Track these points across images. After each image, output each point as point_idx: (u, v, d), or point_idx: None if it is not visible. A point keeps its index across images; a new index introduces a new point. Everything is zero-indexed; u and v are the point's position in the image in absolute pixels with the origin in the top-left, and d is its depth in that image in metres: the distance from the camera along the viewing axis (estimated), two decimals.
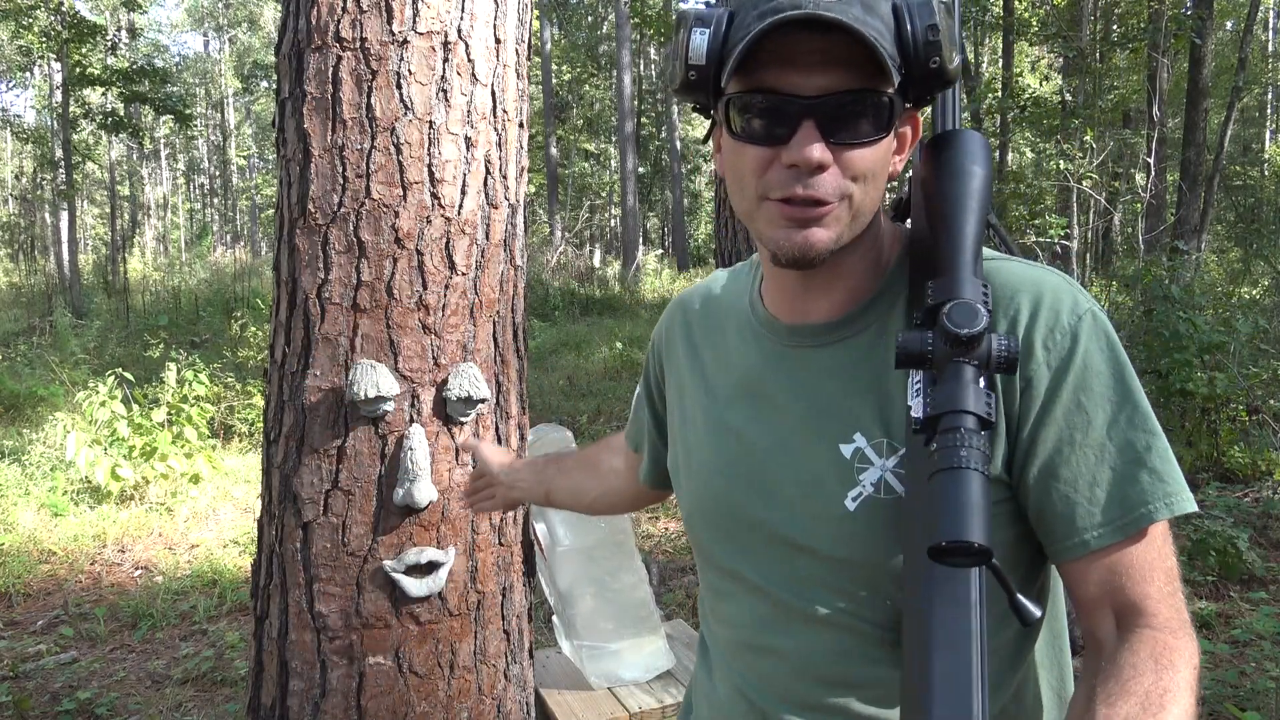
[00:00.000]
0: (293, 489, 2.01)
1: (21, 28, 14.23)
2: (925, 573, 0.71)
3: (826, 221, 0.80)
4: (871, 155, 0.79)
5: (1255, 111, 20.87)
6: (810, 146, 0.76)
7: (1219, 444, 5.53)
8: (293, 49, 2.01)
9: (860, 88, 0.77)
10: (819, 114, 0.77)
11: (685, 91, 0.83)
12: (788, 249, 0.81)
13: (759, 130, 0.79)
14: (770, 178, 0.80)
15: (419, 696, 2.01)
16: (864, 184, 0.80)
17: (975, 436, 0.69)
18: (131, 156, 32.07)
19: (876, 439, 0.84)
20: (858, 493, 0.83)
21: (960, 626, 0.70)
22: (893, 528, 0.82)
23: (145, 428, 5.76)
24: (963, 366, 0.72)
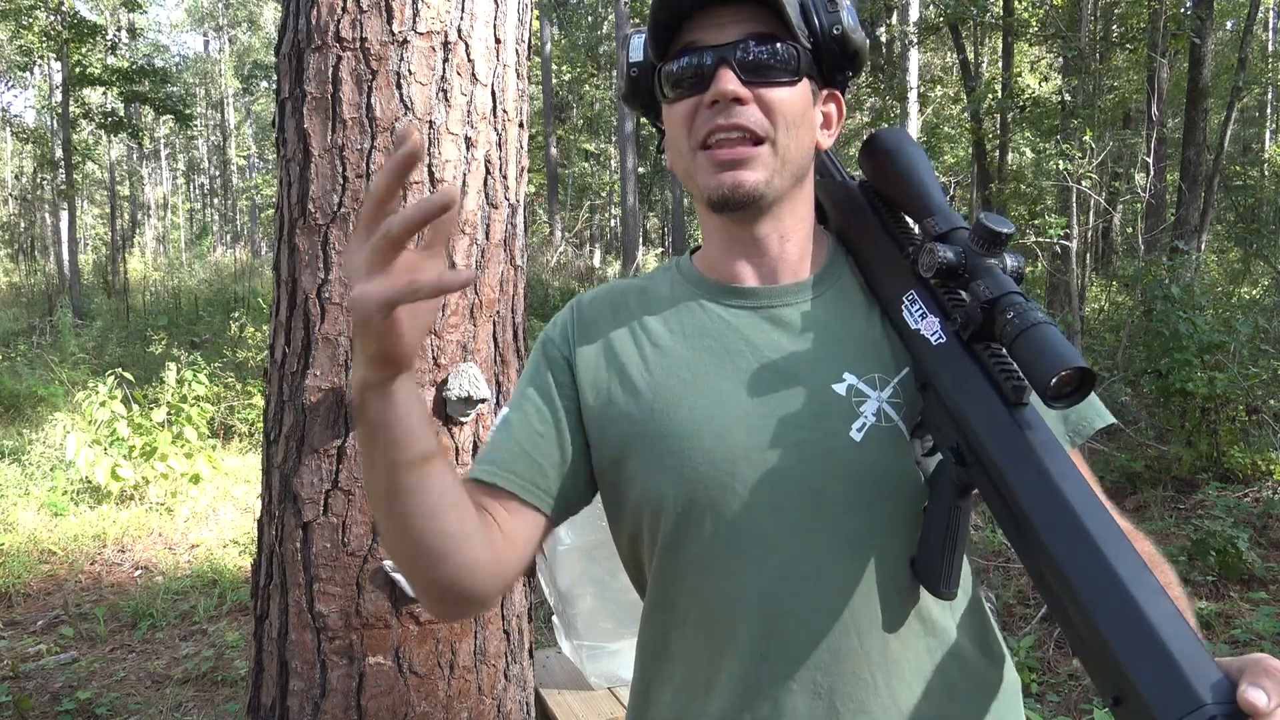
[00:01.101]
0: (293, 489, 2.01)
1: (21, 28, 14.24)
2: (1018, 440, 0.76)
3: (753, 164, 0.88)
4: (788, 97, 0.88)
5: (1255, 111, 20.86)
6: (725, 77, 0.86)
7: (1219, 444, 5.53)
8: (293, 49, 2.01)
9: (769, 33, 0.87)
10: (732, 56, 0.87)
11: (632, 95, 0.94)
12: (717, 188, 0.88)
13: (685, 86, 0.89)
14: (697, 124, 0.88)
15: (419, 696, 2.01)
16: (785, 129, 0.88)
17: (1033, 304, 0.76)
18: (131, 156, 32.07)
19: (867, 374, 0.90)
20: (861, 423, 0.88)
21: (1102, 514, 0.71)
22: (897, 452, 0.88)
23: (145, 428, 5.76)
24: (995, 266, 0.81)
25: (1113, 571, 0.67)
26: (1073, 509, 0.70)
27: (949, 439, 0.82)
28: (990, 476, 0.77)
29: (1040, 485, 0.73)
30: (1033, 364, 0.73)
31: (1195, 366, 5.41)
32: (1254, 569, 4.07)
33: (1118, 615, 0.65)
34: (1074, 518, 0.70)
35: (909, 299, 0.89)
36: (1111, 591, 0.66)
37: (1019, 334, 0.74)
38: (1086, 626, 0.67)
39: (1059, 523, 0.70)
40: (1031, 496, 0.73)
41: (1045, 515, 0.71)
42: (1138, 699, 0.63)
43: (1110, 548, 0.68)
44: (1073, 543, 0.69)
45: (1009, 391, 0.78)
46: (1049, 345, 0.72)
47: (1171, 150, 12.50)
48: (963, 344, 0.83)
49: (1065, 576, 0.69)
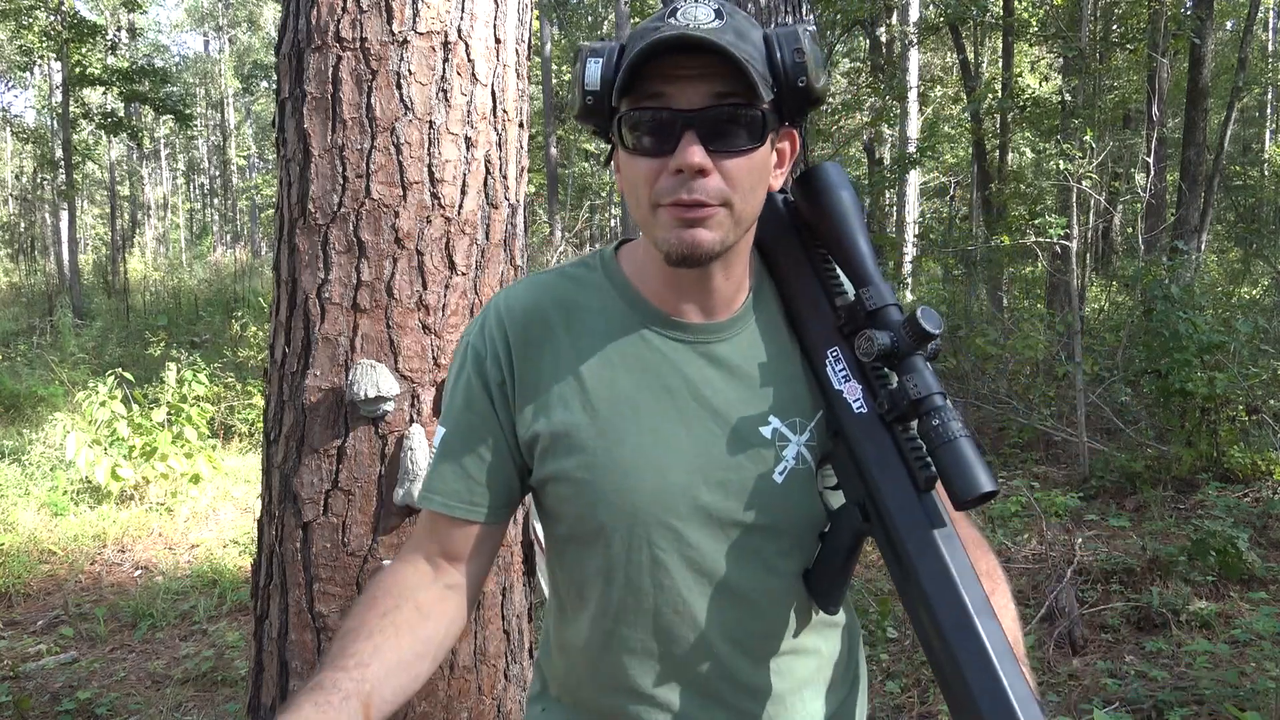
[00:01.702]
0: (293, 489, 2.01)
1: (21, 28, 14.24)
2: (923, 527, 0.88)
3: (710, 224, 0.89)
4: (748, 164, 0.89)
5: (1255, 111, 20.84)
6: (691, 152, 0.86)
7: (1219, 444, 5.53)
8: (293, 49, 2.01)
9: (734, 101, 0.87)
10: (698, 124, 0.87)
11: (584, 116, 0.94)
12: (677, 247, 0.90)
13: (648, 144, 0.89)
14: (660, 186, 0.89)
15: (419, 696, 2.01)
16: (743, 195, 0.90)
17: (953, 412, 0.86)
18: (131, 156, 32.06)
19: (790, 419, 0.98)
20: (783, 467, 0.97)
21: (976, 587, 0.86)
22: (810, 491, 0.98)
23: (145, 428, 5.76)
24: (919, 360, 0.89)
25: (998, 677, 0.81)
26: (963, 602, 0.84)
27: (856, 495, 0.93)
28: (894, 547, 0.89)
29: (941, 576, 0.86)
30: (951, 480, 0.84)
31: (1195, 366, 5.41)
32: (1254, 569, 4.07)
33: (988, 693, 0.81)
34: (964, 609, 0.84)
35: (833, 355, 0.96)
36: (997, 696, 0.80)
37: (941, 444, 0.85)
38: (967, 709, 0.81)
39: (954, 615, 0.84)
40: (932, 583, 0.86)
41: (942, 603, 0.85)
42: None
43: (996, 649, 0.82)
44: (967, 638, 0.83)
45: (921, 480, 0.88)
46: (967, 466, 0.84)
47: (1171, 150, 12.50)
48: (882, 421, 0.91)
49: (957, 666, 0.83)
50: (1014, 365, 7.60)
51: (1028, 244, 7.26)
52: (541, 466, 0.99)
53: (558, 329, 1.00)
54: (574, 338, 0.99)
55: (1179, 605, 3.80)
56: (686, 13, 0.87)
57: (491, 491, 1.00)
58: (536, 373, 0.99)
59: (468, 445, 1.00)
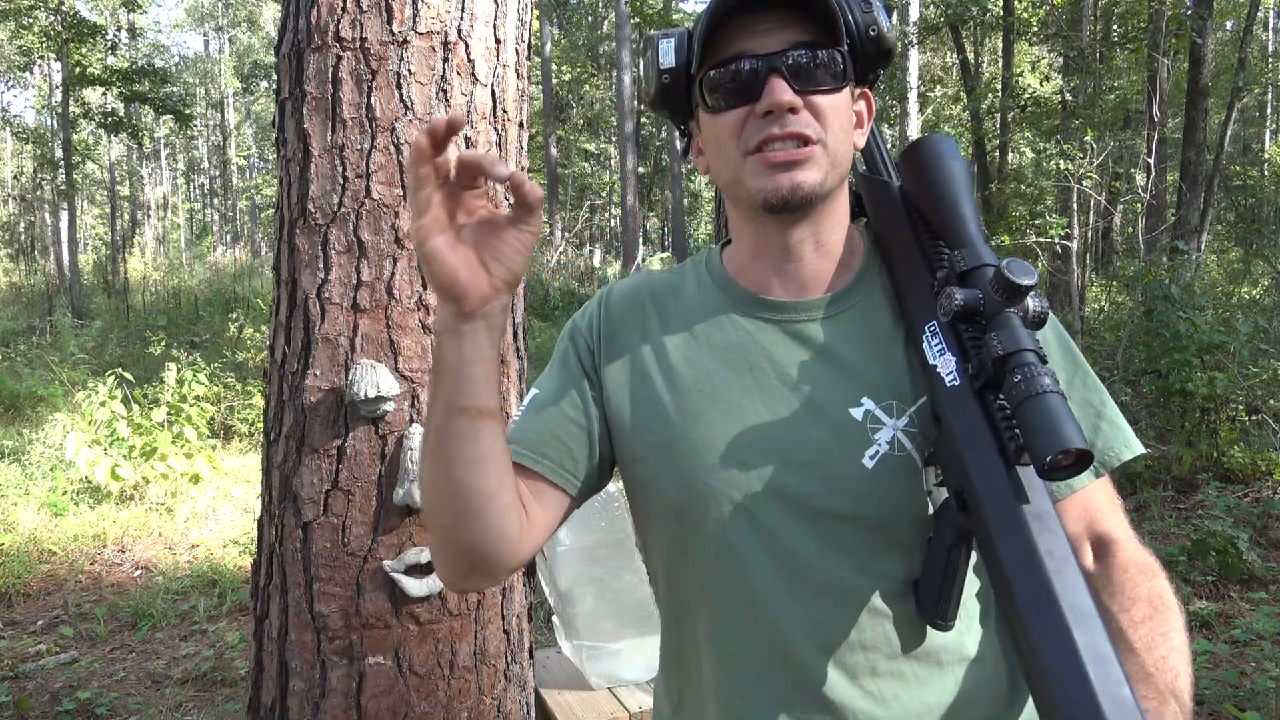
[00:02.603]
0: (293, 489, 2.01)
1: (21, 28, 14.24)
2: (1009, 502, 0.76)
3: (808, 165, 0.88)
4: (835, 103, 0.89)
5: (1255, 111, 20.85)
6: (780, 88, 0.86)
7: (1219, 444, 5.53)
8: (293, 49, 2.01)
9: (816, 41, 0.87)
10: (783, 67, 0.86)
11: (661, 99, 0.94)
12: (774, 191, 0.88)
13: (732, 96, 0.88)
14: (748, 132, 0.88)
15: (419, 696, 2.01)
16: (835, 133, 0.89)
17: (1044, 368, 0.76)
18: (131, 156, 32.06)
19: (885, 401, 0.90)
20: (874, 451, 0.88)
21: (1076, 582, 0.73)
22: (908, 482, 0.88)
23: (145, 428, 5.76)
24: (1013, 316, 0.80)
25: (1078, 658, 0.69)
26: (1050, 588, 0.72)
27: (955, 482, 0.83)
28: (980, 529, 0.79)
29: (1025, 556, 0.74)
30: (1033, 437, 0.73)
31: (1195, 366, 5.41)
32: (1254, 569, 4.07)
33: (1074, 701, 0.68)
34: (1049, 596, 0.72)
35: (930, 330, 0.88)
36: (1073, 676, 0.69)
37: (1023, 401, 0.75)
38: (1045, 699, 0.70)
39: (1037, 601, 0.72)
40: (1015, 566, 0.75)
41: (1024, 588, 0.73)
42: None
43: (1081, 632, 0.71)
44: (1045, 622, 0.72)
45: (1011, 451, 0.78)
46: (1051, 420, 0.72)
47: (1171, 150, 12.50)
48: (974, 390, 0.82)
49: (1035, 651, 0.71)
50: None
51: (1028, 244, 7.25)
52: (623, 446, 0.97)
53: (650, 312, 1.00)
54: (664, 320, 0.99)
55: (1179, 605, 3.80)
56: None
57: (562, 447, 0.96)
58: (623, 349, 0.99)
59: (552, 400, 0.98)
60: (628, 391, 0.97)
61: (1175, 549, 4.23)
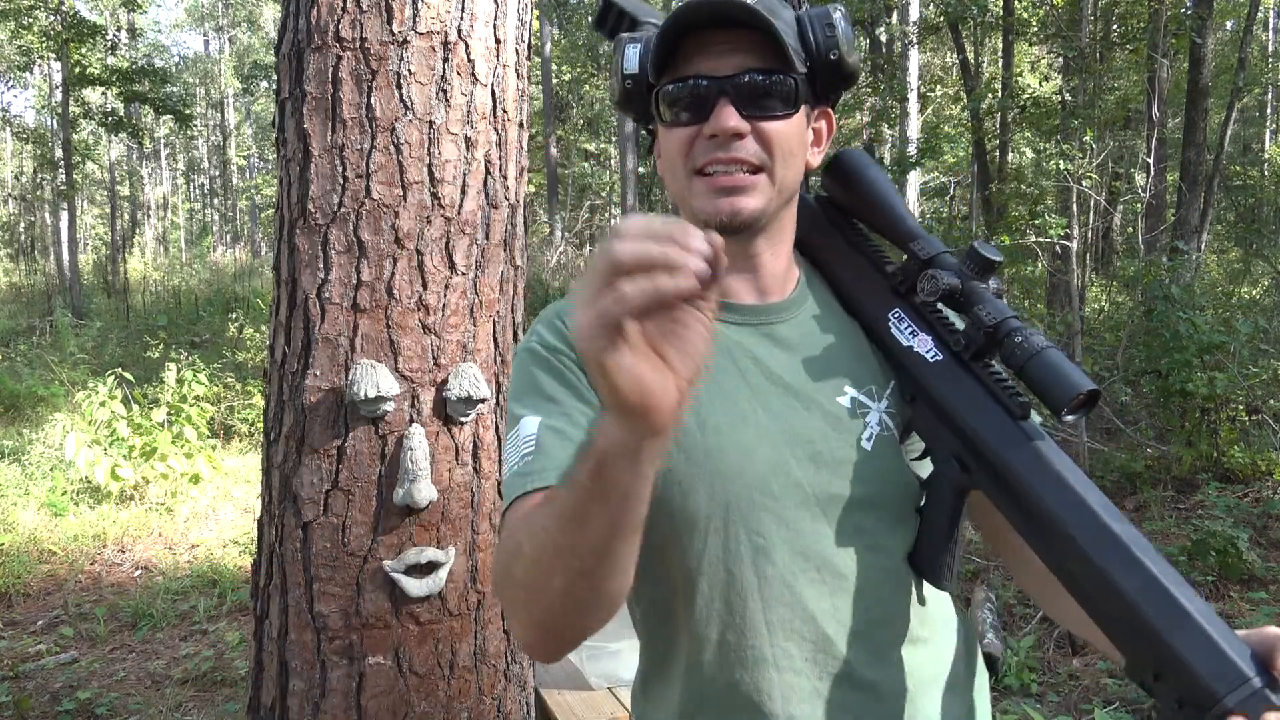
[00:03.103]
0: (293, 489, 2.01)
1: (21, 28, 14.24)
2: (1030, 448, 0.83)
3: (750, 192, 0.90)
4: (784, 129, 0.90)
5: (1255, 111, 20.84)
6: (726, 114, 0.87)
7: (1219, 444, 5.53)
8: (293, 49, 2.01)
9: (767, 67, 0.89)
10: (733, 90, 0.88)
11: (624, 103, 0.95)
12: (714, 215, 0.90)
13: (683, 113, 0.91)
14: (695, 152, 0.91)
15: (419, 696, 2.01)
16: (781, 160, 0.90)
17: (1032, 328, 0.85)
18: (131, 156, 32.05)
19: (865, 387, 0.96)
20: (869, 433, 0.94)
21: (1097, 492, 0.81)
22: (899, 458, 0.94)
23: (145, 428, 5.76)
24: (985, 289, 0.89)
25: (1144, 566, 0.76)
26: (1096, 511, 0.79)
27: (949, 448, 0.90)
28: (1005, 482, 0.85)
29: (1063, 490, 0.81)
30: (1050, 388, 0.81)
31: (1195, 367, 5.41)
32: (1254, 569, 4.07)
33: (1160, 605, 0.74)
34: (1099, 518, 0.79)
35: (895, 317, 0.95)
36: (1150, 584, 0.75)
37: (1029, 358, 0.83)
38: (1127, 614, 0.75)
39: (1086, 523, 0.79)
40: (1056, 501, 0.81)
41: (1073, 516, 0.79)
42: (1189, 676, 0.72)
43: (1136, 544, 0.77)
44: (1103, 541, 0.78)
45: (1015, 407, 0.86)
46: (1062, 371, 0.81)
47: (1171, 150, 12.50)
48: (960, 362, 0.90)
49: (1101, 571, 0.77)
50: None
51: (1028, 244, 7.25)
52: None
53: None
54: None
55: None
56: None
57: None
58: None
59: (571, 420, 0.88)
60: None
61: (1175, 549, 4.23)
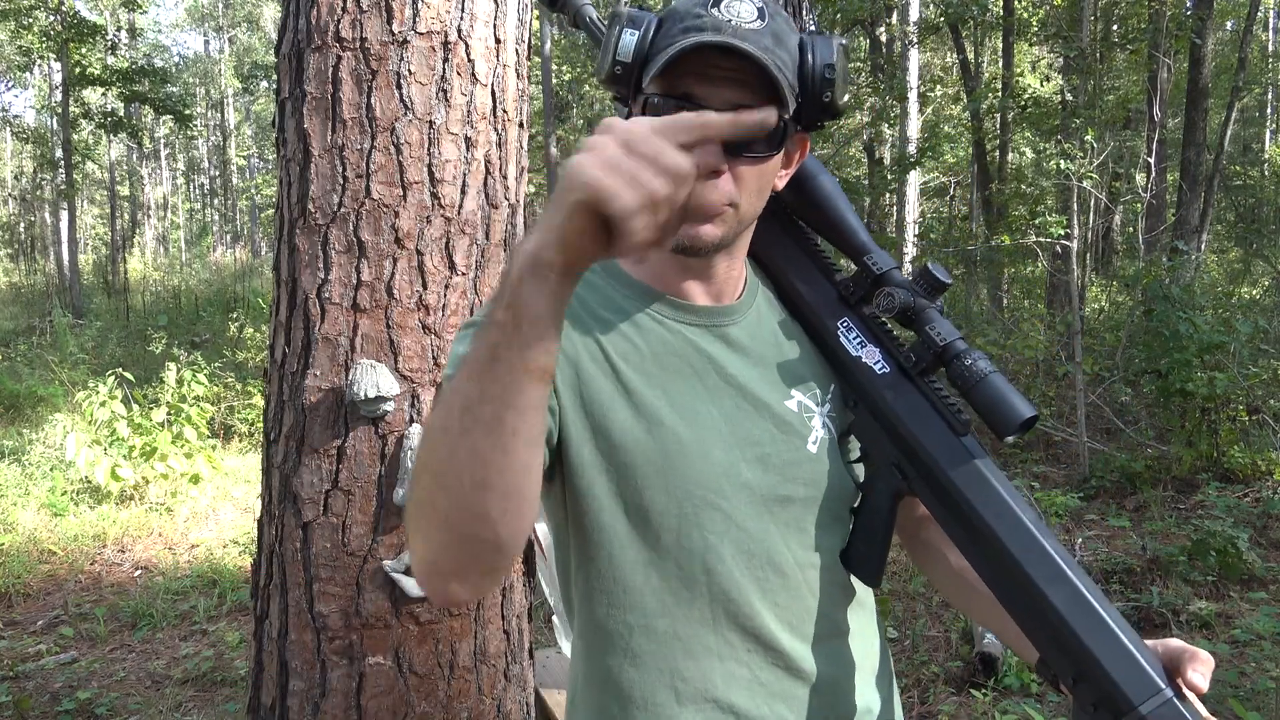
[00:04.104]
0: (293, 489, 2.01)
1: (21, 28, 14.24)
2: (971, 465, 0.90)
3: (715, 221, 0.90)
4: (760, 170, 0.91)
5: (1255, 111, 20.84)
6: (711, 154, 0.85)
7: (1219, 444, 5.53)
8: (293, 49, 2.01)
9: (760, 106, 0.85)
10: None
11: (610, 83, 0.93)
12: (679, 239, 0.91)
13: None
14: None
15: (419, 696, 2.01)
16: (750, 197, 0.91)
17: (978, 352, 0.90)
18: (131, 156, 32.05)
19: (809, 391, 1.00)
20: (815, 437, 0.98)
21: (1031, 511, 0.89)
22: (840, 460, 0.99)
23: (145, 428, 5.76)
24: (935, 310, 0.94)
25: (1071, 580, 0.84)
26: (1029, 528, 0.87)
27: (888, 456, 0.96)
28: (945, 493, 0.91)
29: (1000, 507, 0.88)
30: (995, 413, 0.88)
31: (1195, 367, 5.41)
32: (1254, 569, 4.07)
33: (1084, 617, 0.82)
34: (1032, 535, 0.86)
35: (844, 326, 0.99)
36: (1076, 596, 0.83)
37: (976, 383, 0.89)
38: (1054, 623, 0.83)
39: (1021, 538, 0.86)
40: (994, 516, 0.88)
41: (1008, 532, 0.87)
42: (1108, 684, 0.80)
43: (1064, 560, 0.85)
44: (1035, 556, 0.85)
45: (957, 424, 0.92)
46: (1007, 397, 0.88)
47: (1171, 150, 12.50)
48: (907, 376, 0.95)
49: (1028, 579, 0.85)
50: (1014, 365, 7.60)
51: (1028, 244, 7.25)
52: (580, 457, 0.92)
53: (583, 321, 0.95)
54: (598, 329, 0.95)
55: (1179, 605, 3.81)
56: (731, 6, 0.87)
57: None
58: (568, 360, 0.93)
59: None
60: (580, 395, 0.92)
61: (1175, 549, 4.23)
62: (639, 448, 0.92)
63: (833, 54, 0.91)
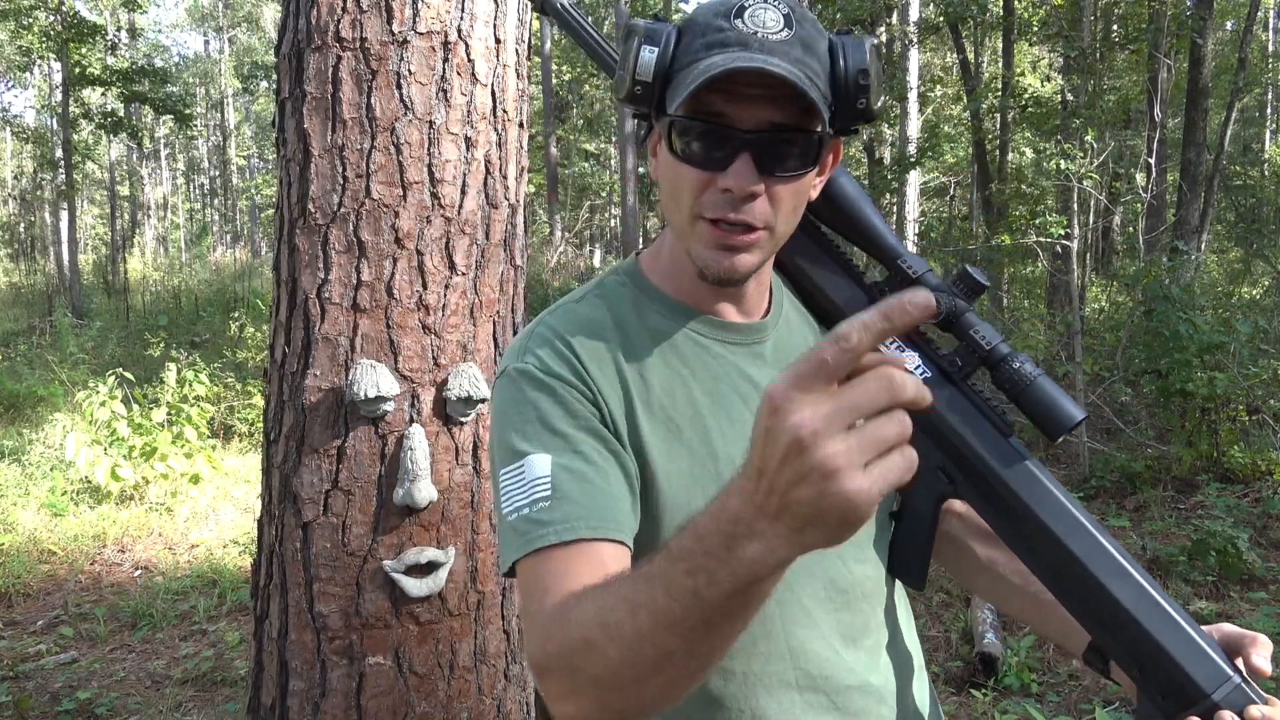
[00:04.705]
0: (293, 489, 2.01)
1: (21, 28, 14.24)
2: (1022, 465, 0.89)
3: (752, 249, 0.88)
4: (795, 188, 0.88)
5: (1255, 111, 20.85)
6: (745, 175, 0.83)
7: (1219, 444, 5.53)
8: (293, 49, 2.01)
9: (794, 125, 0.84)
10: (755, 147, 0.84)
11: (630, 101, 0.89)
12: (715, 270, 0.89)
13: (698, 154, 0.85)
14: (706, 199, 0.86)
15: (419, 696, 2.01)
16: (785, 217, 0.89)
17: (1022, 355, 0.90)
18: (131, 156, 32.05)
19: None
20: None
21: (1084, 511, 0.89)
22: None
23: (145, 428, 5.76)
24: (974, 314, 0.92)
25: (1134, 577, 0.85)
26: (1088, 527, 0.87)
27: (933, 460, 0.93)
28: (997, 495, 0.90)
29: (1058, 507, 0.88)
30: (1048, 415, 0.87)
31: (1195, 367, 5.41)
32: (1254, 569, 4.07)
33: (1151, 610, 0.83)
34: (1092, 534, 0.87)
35: None
36: (1141, 592, 0.84)
37: (1026, 386, 0.88)
38: (1122, 619, 0.84)
39: (1081, 538, 0.86)
40: (1053, 516, 0.87)
41: (1069, 531, 0.87)
42: (1178, 673, 0.82)
43: (1124, 557, 0.86)
44: (1098, 555, 0.86)
45: (1003, 425, 0.91)
46: (1056, 399, 0.88)
47: (1171, 150, 12.50)
48: (950, 380, 0.93)
49: (1091, 576, 0.85)
50: None
51: (1028, 244, 7.25)
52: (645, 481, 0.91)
53: (612, 344, 0.94)
54: (628, 351, 0.94)
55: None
56: (755, 16, 0.83)
57: (624, 506, 0.86)
58: (613, 388, 0.91)
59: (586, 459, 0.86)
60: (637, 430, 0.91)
61: (1175, 549, 4.23)
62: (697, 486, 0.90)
63: (865, 57, 0.86)
